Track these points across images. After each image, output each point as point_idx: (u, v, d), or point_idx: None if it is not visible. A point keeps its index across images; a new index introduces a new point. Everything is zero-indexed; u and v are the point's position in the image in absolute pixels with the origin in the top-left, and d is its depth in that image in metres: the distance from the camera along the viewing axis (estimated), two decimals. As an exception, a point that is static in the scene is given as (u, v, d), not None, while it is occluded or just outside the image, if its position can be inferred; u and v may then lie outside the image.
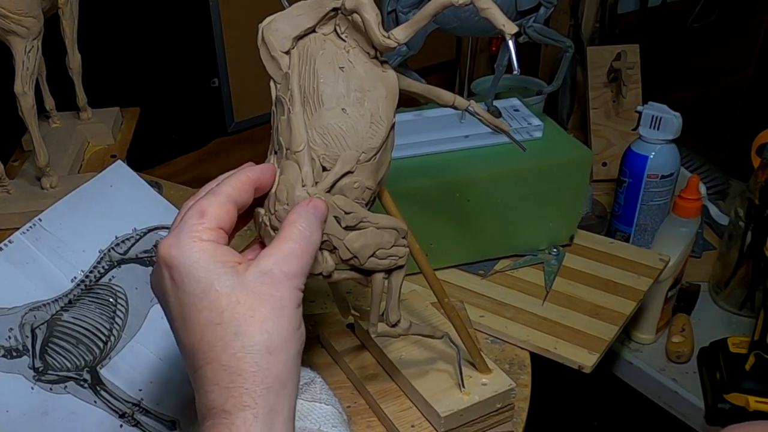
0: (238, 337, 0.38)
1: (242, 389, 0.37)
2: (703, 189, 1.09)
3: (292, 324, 0.39)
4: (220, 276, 0.39)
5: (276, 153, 0.46)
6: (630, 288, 0.82)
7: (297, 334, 0.40)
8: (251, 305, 0.38)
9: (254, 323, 0.38)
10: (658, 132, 1.02)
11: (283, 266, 0.40)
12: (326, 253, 0.46)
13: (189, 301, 0.39)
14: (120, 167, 0.67)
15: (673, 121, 1.00)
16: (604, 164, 1.29)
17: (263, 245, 0.47)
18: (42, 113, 0.90)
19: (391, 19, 0.77)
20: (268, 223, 0.45)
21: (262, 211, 0.46)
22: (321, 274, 0.46)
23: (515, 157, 0.79)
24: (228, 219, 0.42)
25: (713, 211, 1.23)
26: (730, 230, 1.12)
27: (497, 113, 0.86)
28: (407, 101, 0.47)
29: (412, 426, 0.60)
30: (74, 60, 0.94)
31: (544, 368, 0.75)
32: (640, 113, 1.03)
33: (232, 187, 0.42)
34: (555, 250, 0.86)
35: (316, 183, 0.44)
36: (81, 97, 0.98)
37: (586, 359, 0.72)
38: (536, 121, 0.84)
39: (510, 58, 0.54)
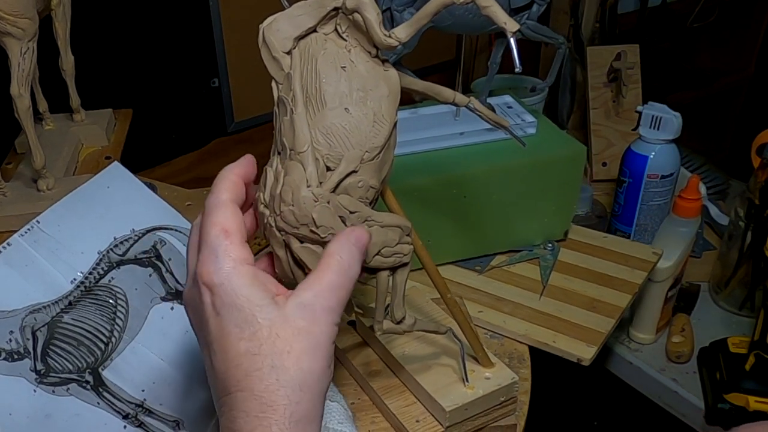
0: (274, 370, 0.39)
1: (272, 420, 0.38)
2: (703, 189, 1.08)
3: (325, 362, 0.40)
4: (262, 308, 0.40)
5: (279, 154, 0.46)
6: (625, 281, 0.83)
7: (327, 372, 0.41)
8: (289, 340, 0.39)
9: (290, 359, 0.39)
10: (658, 132, 1.01)
11: (322, 300, 0.41)
12: None
13: (229, 329, 0.40)
14: (116, 168, 0.66)
15: (673, 121, 1.00)
16: (604, 164, 1.29)
17: (270, 255, 0.48)
18: (35, 115, 0.89)
19: (385, 18, 0.77)
20: (273, 224, 0.45)
21: (267, 211, 0.46)
22: None
23: (510, 154, 0.80)
24: (241, 225, 0.43)
25: (713, 211, 1.23)
26: (730, 230, 1.12)
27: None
28: (402, 99, 0.47)
29: (417, 421, 0.60)
30: (67, 62, 0.93)
31: (543, 362, 0.75)
32: (640, 113, 1.03)
33: (229, 192, 0.44)
34: (550, 245, 0.87)
35: (321, 183, 0.44)
36: (74, 99, 0.97)
37: (584, 352, 0.72)
38: (529, 118, 0.84)
39: (512, 56, 0.54)
